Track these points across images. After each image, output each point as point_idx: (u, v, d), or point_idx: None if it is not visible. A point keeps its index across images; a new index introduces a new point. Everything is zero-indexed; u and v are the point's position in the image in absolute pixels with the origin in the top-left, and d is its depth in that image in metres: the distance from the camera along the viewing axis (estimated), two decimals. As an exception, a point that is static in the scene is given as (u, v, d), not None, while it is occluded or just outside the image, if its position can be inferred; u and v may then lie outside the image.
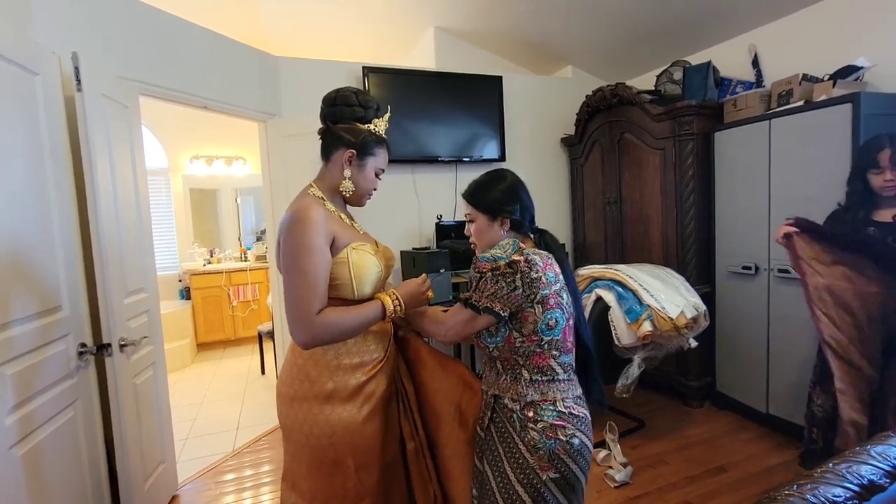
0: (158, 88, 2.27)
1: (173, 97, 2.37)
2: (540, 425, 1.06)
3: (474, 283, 1.09)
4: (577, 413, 1.09)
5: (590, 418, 1.14)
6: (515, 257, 1.05)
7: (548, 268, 1.08)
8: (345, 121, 1.20)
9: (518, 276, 1.04)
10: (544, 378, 1.09)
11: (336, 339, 1.11)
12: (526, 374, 1.10)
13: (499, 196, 1.17)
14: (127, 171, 1.98)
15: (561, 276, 1.12)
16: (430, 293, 1.21)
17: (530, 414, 1.07)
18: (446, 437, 1.25)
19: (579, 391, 1.14)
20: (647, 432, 2.64)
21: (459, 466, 1.22)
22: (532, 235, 1.22)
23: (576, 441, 1.07)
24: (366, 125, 1.20)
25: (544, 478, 1.05)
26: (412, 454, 1.28)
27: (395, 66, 3.30)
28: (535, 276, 1.05)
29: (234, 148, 5.19)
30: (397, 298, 1.15)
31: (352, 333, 1.12)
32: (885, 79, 2.29)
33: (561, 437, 1.06)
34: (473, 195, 1.21)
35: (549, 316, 1.07)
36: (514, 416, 1.09)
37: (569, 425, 1.07)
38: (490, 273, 1.06)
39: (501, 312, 1.05)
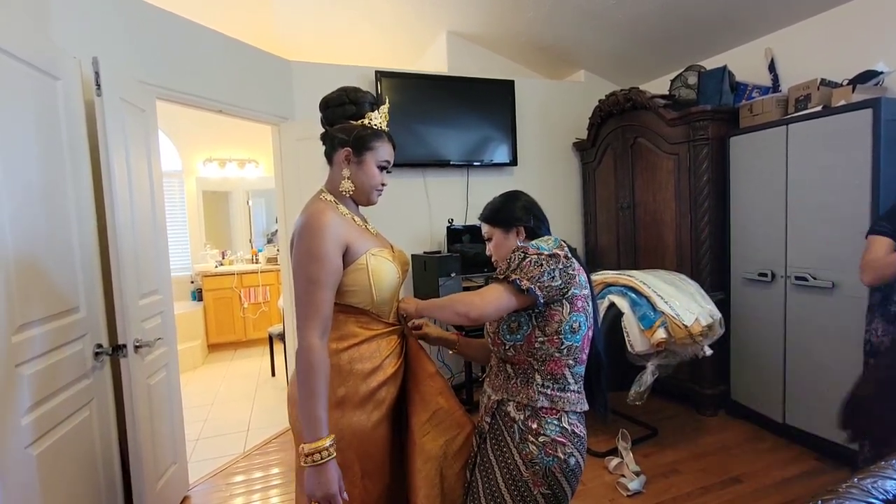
0: (175, 92, 2.30)
1: (189, 101, 2.40)
2: (541, 439, 1.05)
3: (515, 262, 1.07)
4: (578, 432, 1.10)
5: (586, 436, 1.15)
6: (557, 251, 1.08)
7: (581, 272, 1.11)
8: (339, 121, 1.18)
9: (559, 267, 1.05)
10: (556, 386, 1.09)
11: (300, 373, 1.02)
12: (538, 379, 1.09)
13: (512, 209, 1.24)
14: (143, 174, 2.00)
15: (590, 286, 1.15)
16: None
17: (534, 426, 1.07)
18: (412, 451, 1.20)
19: (584, 407, 1.13)
20: (659, 440, 2.60)
21: (423, 485, 1.15)
22: None
23: (572, 461, 1.07)
24: (359, 121, 1.17)
25: (535, 493, 1.05)
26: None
27: (407, 70, 3.31)
28: (571, 272, 1.07)
29: (247, 150, 5.25)
30: (327, 451, 1.00)
31: (302, 385, 1.01)
32: (907, 84, 2.25)
33: (560, 454, 1.05)
34: (489, 213, 1.26)
35: (574, 318, 1.08)
36: (515, 426, 1.08)
37: (569, 443, 1.07)
38: (535, 256, 1.06)
39: (541, 298, 1.03)
